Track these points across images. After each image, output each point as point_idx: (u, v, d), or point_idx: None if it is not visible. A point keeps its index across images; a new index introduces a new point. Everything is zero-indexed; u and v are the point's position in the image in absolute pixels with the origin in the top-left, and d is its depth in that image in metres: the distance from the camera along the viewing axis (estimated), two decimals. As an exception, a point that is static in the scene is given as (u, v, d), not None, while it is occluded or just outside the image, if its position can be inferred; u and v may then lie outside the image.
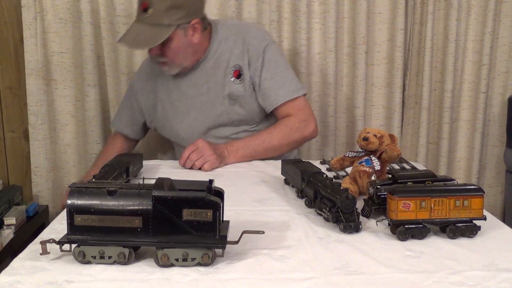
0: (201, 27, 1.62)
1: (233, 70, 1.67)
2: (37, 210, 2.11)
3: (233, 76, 1.66)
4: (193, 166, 1.47)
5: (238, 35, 1.69)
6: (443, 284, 0.79)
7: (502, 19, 2.32)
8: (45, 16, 2.08)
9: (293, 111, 1.67)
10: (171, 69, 1.65)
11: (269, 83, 1.66)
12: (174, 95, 1.73)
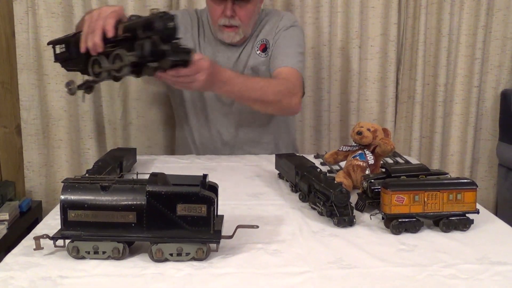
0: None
1: (259, 44, 1.70)
2: (30, 206, 2.10)
3: (259, 49, 1.70)
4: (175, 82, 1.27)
5: (273, 14, 1.76)
6: (436, 277, 0.79)
7: (495, 13, 2.33)
8: (36, 10, 2.07)
9: (290, 77, 1.61)
10: (236, 35, 1.64)
11: (278, 49, 1.67)
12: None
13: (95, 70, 1.17)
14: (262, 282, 0.78)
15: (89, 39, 1.16)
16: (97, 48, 1.15)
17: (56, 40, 1.31)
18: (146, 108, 2.25)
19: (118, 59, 1.11)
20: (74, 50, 1.22)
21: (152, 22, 1.07)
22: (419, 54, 2.27)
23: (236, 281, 0.78)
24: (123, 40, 1.14)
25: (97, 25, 1.15)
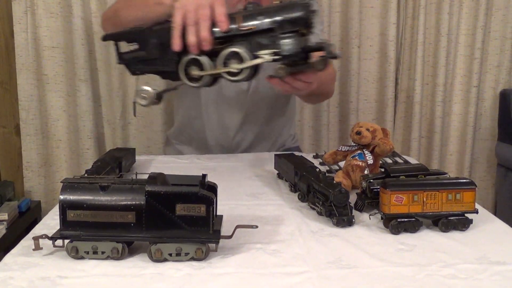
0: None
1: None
2: (29, 206, 2.10)
3: None
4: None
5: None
6: (435, 277, 0.79)
7: (494, 13, 2.33)
8: (35, 11, 2.07)
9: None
10: None
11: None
12: None
13: (192, 74, 0.96)
14: (261, 282, 0.78)
15: (191, 33, 0.93)
16: (206, 44, 0.93)
17: (118, 34, 1.02)
18: (145, 108, 2.24)
19: (235, 59, 0.93)
20: (156, 48, 0.98)
21: (292, 10, 0.91)
22: (418, 54, 2.27)
23: (235, 281, 0.78)
24: (239, 35, 0.93)
25: (203, 14, 0.93)
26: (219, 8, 0.93)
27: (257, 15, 0.93)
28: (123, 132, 2.29)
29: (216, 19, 0.92)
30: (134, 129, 2.27)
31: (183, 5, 0.95)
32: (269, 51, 0.91)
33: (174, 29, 0.94)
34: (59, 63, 2.12)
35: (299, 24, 0.90)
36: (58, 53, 2.11)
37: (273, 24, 0.91)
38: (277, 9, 0.92)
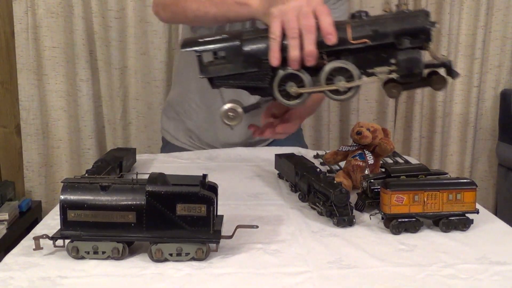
0: None
1: None
2: (30, 206, 2.10)
3: None
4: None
5: None
6: (436, 277, 0.79)
7: (494, 13, 2.33)
8: (36, 10, 2.07)
9: None
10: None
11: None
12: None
13: (291, 90, 0.83)
14: (262, 282, 0.78)
15: (293, 47, 0.80)
16: (310, 60, 0.80)
17: (201, 43, 0.85)
18: (145, 108, 2.25)
19: (340, 75, 0.81)
20: (249, 61, 0.83)
21: (413, 21, 0.80)
22: (418, 54, 2.27)
23: (235, 281, 0.78)
24: (347, 49, 0.81)
25: (308, 25, 0.80)
26: (325, 17, 0.80)
27: (369, 26, 0.81)
28: (123, 132, 2.29)
29: (322, 30, 0.79)
30: (134, 129, 2.27)
31: (282, 12, 0.81)
32: (386, 69, 0.80)
33: (272, 40, 0.81)
34: (59, 63, 2.12)
35: (420, 37, 0.80)
36: (59, 53, 2.11)
37: (390, 37, 0.80)
38: (393, 19, 0.81)
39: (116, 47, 2.20)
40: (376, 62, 0.81)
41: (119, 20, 2.18)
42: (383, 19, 0.82)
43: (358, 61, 0.81)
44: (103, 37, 2.17)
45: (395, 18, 0.81)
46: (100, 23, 2.15)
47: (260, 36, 0.83)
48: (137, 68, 2.22)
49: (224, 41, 0.84)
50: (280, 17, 0.81)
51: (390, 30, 0.80)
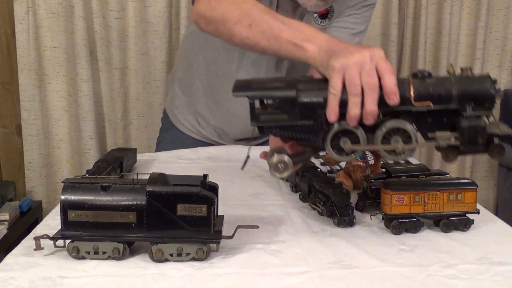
0: None
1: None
2: (30, 206, 2.10)
3: (317, 14, 1.38)
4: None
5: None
6: (436, 277, 0.79)
7: (495, 13, 2.33)
8: (37, 11, 2.07)
9: None
10: (324, 4, 1.32)
11: (340, 31, 1.40)
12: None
13: (346, 147, 0.80)
14: (262, 282, 0.78)
15: (354, 105, 0.76)
16: (370, 119, 0.77)
17: (255, 89, 0.81)
18: (146, 108, 2.25)
19: (397, 135, 0.78)
20: (304, 114, 0.80)
21: (479, 86, 0.77)
22: (419, 54, 2.27)
23: (236, 281, 0.78)
24: (408, 110, 0.78)
25: (371, 83, 0.76)
26: (389, 76, 0.76)
27: (432, 88, 0.77)
28: (124, 132, 2.29)
29: (385, 90, 0.76)
30: (135, 129, 2.27)
31: (344, 66, 0.77)
32: (447, 135, 0.77)
33: (332, 95, 0.77)
34: (60, 63, 2.12)
35: (484, 104, 0.76)
36: (60, 53, 2.11)
37: (454, 102, 0.76)
38: (458, 83, 0.77)
39: (117, 47, 2.20)
40: (436, 126, 0.78)
41: (119, 20, 2.18)
42: (447, 82, 0.78)
43: (417, 122, 0.79)
44: (103, 37, 2.18)
45: (459, 83, 0.77)
46: (100, 23, 2.16)
47: (318, 88, 0.80)
48: (138, 68, 2.23)
49: (279, 90, 0.80)
50: (341, 72, 0.77)
51: (455, 94, 0.76)
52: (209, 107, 1.58)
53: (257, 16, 0.95)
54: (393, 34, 2.25)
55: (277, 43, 0.91)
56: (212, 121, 1.60)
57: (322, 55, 0.83)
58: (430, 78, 0.79)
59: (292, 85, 0.80)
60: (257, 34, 0.94)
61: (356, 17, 1.41)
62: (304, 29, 0.90)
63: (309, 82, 0.82)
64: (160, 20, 2.20)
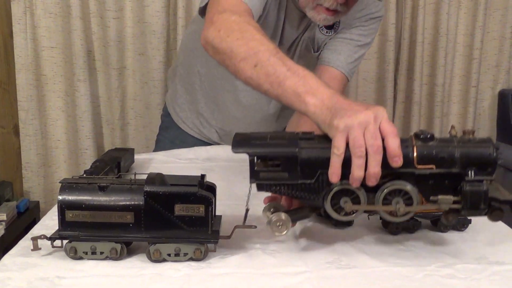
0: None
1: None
2: (28, 206, 2.10)
3: (323, 25, 1.38)
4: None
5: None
6: (434, 277, 0.79)
7: (492, 13, 2.34)
8: (34, 11, 2.07)
9: (340, 89, 1.40)
10: (334, 19, 1.31)
11: (344, 42, 1.40)
12: (271, 32, 1.38)
13: (346, 207, 0.80)
14: (260, 282, 0.78)
15: (357, 167, 0.76)
16: (373, 181, 0.77)
17: (254, 144, 0.82)
18: (144, 108, 2.25)
19: (398, 197, 0.79)
20: (306, 173, 0.80)
21: (482, 150, 0.78)
22: (417, 54, 2.28)
23: (234, 281, 0.78)
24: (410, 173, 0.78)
25: (375, 145, 0.76)
26: (392, 138, 0.76)
27: (436, 151, 0.78)
28: (122, 132, 2.29)
29: (389, 152, 0.76)
30: (133, 129, 2.27)
31: (348, 126, 0.77)
32: (449, 199, 0.78)
33: (335, 156, 0.77)
34: (58, 63, 2.12)
35: (486, 169, 0.78)
36: (57, 53, 2.11)
37: (457, 166, 0.77)
38: (461, 147, 0.78)
39: (115, 47, 2.20)
40: (438, 189, 0.79)
41: (117, 20, 2.18)
42: (450, 146, 0.78)
43: (419, 184, 0.79)
44: (101, 37, 2.17)
45: (462, 147, 0.78)
46: (98, 23, 2.15)
47: (320, 147, 0.80)
48: (136, 68, 2.22)
49: (280, 147, 0.80)
50: (345, 132, 0.77)
51: (457, 159, 0.77)
52: (210, 108, 1.58)
53: (263, 57, 0.94)
54: (391, 34, 2.25)
55: (280, 89, 0.90)
56: (213, 122, 1.60)
57: (324, 112, 0.82)
58: (433, 140, 0.79)
59: (293, 143, 0.80)
60: (261, 75, 0.93)
61: (363, 29, 1.41)
62: (309, 80, 0.88)
63: (311, 139, 0.81)
64: (158, 20, 2.19)
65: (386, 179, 0.79)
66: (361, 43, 1.41)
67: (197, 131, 1.64)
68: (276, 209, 0.84)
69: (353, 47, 1.40)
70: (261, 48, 0.96)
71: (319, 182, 0.80)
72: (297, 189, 0.81)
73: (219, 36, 1.02)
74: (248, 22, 1.03)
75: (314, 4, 1.25)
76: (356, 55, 1.41)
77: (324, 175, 0.79)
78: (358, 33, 1.40)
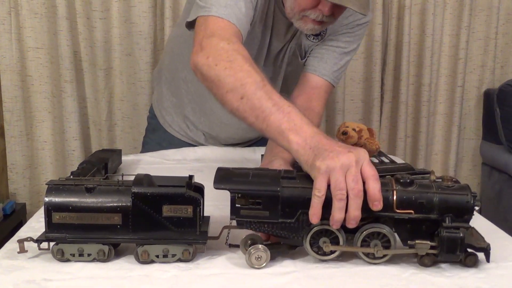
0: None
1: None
2: (14, 208, 2.08)
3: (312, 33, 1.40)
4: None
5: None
6: (421, 275, 0.80)
7: (477, 13, 2.36)
8: (19, 11, 2.05)
9: (324, 97, 1.41)
10: (320, 29, 1.32)
11: (330, 50, 1.42)
12: (259, 41, 1.39)
13: (324, 247, 0.81)
14: (249, 282, 0.78)
15: (338, 210, 0.78)
16: (353, 224, 0.79)
17: (236, 182, 0.82)
18: (131, 109, 2.24)
19: (376, 239, 0.81)
20: (284, 210, 0.81)
21: (459, 198, 0.80)
22: (403, 54, 2.29)
23: (223, 282, 0.78)
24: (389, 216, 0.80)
25: (356, 189, 0.77)
26: (373, 182, 0.78)
27: (415, 197, 0.80)
28: (109, 133, 2.27)
29: (369, 196, 0.78)
30: (120, 130, 2.26)
31: (330, 169, 0.78)
32: (427, 245, 0.80)
33: (316, 198, 0.78)
34: (43, 64, 2.10)
35: (463, 216, 0.80)
36: (43, 54, 2.09)
37: (435, 212, 0.80)
38: (440, 193, 0.80)
39: (101, 48, 2.18)
40: (415, 233, 0.81)
41: (103, 20, 2.17)
42: (429, 192, 0.80)
43: (397, 228, 0.81)
44: (87, 38, 2.16)
45: (441, 193, 0.80)
46: (84, 24, 2.14)
47: (302, 187, 0.81)
48: (122, 69, 2.21)
49: (262, 185, 0.81)
50: (327, 174, 0.78)
51: (436, 205, 0.79)
52: (197, 113, 1.58)
53: (250, 90, 0.94)
54: (377, 35, 2.26)
55: (264, 124, 0.91)
56: (200, 126, 1.60)
57: (307, 152, 0.83)
58: (413, 185, 0.81)
59: (275, 181, 0.81)
60: (246, 108, 0.94)
61: (349, 36, 1.42)
62: (294, 117, 0.89)
63: (292, 179, 0.82)
64: (145, 20, 2.18)
65: (365, 221, 0.81)
66: (347, 49, 1.43)
67: (183, 134, 1.63)
68: (253, 242, 0.84)
69: (339, 54, 1.42)
70: (249, 80, 0.96)
71: (299, 221, 0.81)
72: (277, 228, 0.82)
73: (208, 64, 1.03)
74: (237, 51, 1.03)
75: (300, 15, 1.26)
76: (342, 62, 1.43)
77: (305, 215, 0.80)
78: (345, 40, 1.42)
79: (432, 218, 0.80)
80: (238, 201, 0.81)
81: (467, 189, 0.81)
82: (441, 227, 0.79)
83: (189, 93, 1.55)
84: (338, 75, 1.44)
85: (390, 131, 2.42)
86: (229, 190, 0.81)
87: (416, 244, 0.80)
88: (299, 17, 1.27)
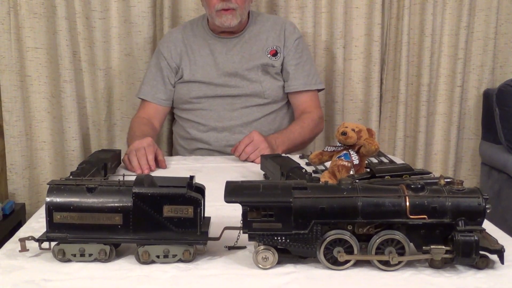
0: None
1: (270, 49, 1.81)
2: (13, 208, 2.07)
3: (270, 54, 1.81)
4: (248, 158, 1.50)
5: (276, 21, 1.89)
6: (420, 276, 0.80)
7: (477, 13, 2.35)
8: (19, 11, 2.04)
9: (312, 104, 1.84)
10: (233, 18, 1.71)
11: (295, 68, 1.82)
12: (206, 59, 1.81)
13: (339, 257, 0.81)
14: (248, 283, 0.78)
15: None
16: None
17: (247, 194, 0.82)
18: (130, 109, 2.23)
19: (390, 246, 0.81)
20: (296, 221, 0.81)
21: (471, 201, 0.81)
22: (402, 54, 2.29)
23: (222, 283, 0.78)
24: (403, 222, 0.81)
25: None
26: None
27: (428, 202, 0.81)
28: (108, 134, 2.27)
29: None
30: (119, 130, 2.26)
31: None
32: (442, 249, 0.80)
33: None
34: (43, 64, 2.09)
35: (476, 219, 0.80)
36: (42, 54, 2.09)
37: (448, 216, 0.80)
38: (452, 198, 0.81)
39: (100, 48, 2.18)
40: (429, 238, 0.81)
41: (103, 20, 2.16)
42: (441, 196, 0.81)
43: (410, 234, 0.81)
44: (87, 37, 2.16)
45: (453, 197, 0.81)
46: (83, 24, 2.14)
47: (314, 197, 0.81)
48: (122, 69, 2.21)
49: (274, 197, 0.81)
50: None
51: (449, 209, 0.80)
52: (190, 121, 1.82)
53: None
54: (377, 35, 2.26)
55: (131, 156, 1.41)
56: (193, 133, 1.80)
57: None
58: (424, 190, 0.82)
59: (287, 193, 0.81)
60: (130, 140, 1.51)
61: (297, 52, 1.83)
62: None
63: (303, 189, 0.82)
64: (144, 20, 2.18)
65: (379, 229, 0.81)
66: (303, 59, 1.84)
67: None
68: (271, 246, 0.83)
69: (302, 66, 1.83)
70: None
71: (313, 232, 0.81)
72: (290, 239, 0.81)
73: (130, 129, 1.78)
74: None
75: (214, 13, 1.68)
76: (307, 67, 1.84)
77: (318, 225, 0.80)
78: (296, 56, 1.83)
79: (445, 223, 0.80)
80: (250, 214, 0.80)
81: (478, 192, 0.82)
82: (455, 231, 0.79)
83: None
84: (316, 78, 1.87)
85: (390, 131, 2.42)
86: (240, 203, 0.81)
87: (431, 249, 0.80)
88: (215, 15, 1.68)
